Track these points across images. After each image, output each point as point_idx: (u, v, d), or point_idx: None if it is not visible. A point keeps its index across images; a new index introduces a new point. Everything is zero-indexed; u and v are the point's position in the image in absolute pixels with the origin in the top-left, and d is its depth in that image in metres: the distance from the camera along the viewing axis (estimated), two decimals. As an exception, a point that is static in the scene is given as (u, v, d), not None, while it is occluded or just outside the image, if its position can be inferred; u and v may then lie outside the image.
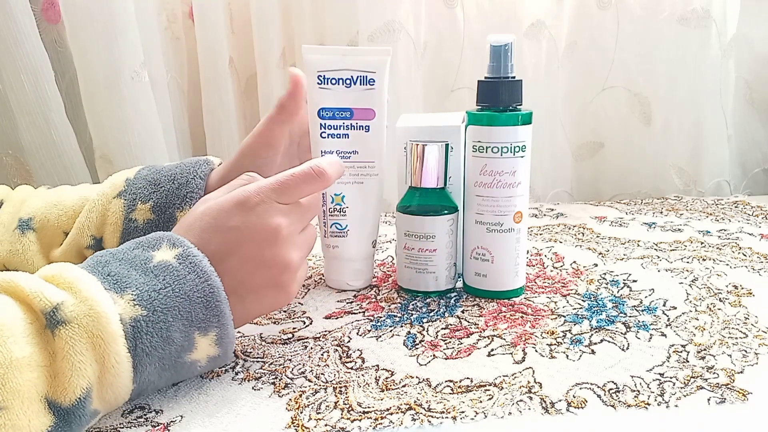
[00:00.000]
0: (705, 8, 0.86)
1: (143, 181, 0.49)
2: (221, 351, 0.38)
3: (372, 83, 0.50)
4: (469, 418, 0.35)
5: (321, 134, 0.50)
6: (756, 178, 1.00)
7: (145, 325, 0.33)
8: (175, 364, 0.35)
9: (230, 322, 0.37)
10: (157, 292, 0.35)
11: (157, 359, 0.34)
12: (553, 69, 0.88)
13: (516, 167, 0.50)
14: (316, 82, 0.49)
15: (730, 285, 0.54)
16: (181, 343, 0.35)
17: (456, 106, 0.87)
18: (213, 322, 0.36)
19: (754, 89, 0.96)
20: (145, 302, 0.34)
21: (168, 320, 0.34)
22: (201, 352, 0.36)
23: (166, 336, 0.34)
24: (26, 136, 0.70)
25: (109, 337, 0.32)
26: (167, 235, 0.38)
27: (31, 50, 0.68)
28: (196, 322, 0.36)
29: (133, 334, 0.33)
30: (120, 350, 0.32)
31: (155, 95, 0.76)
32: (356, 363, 0.42)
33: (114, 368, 0.32)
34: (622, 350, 0.43)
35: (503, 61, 0.49)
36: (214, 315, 0.36)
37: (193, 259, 0.36)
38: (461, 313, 0.50)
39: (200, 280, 0.36)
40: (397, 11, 0.80)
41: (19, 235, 0.48)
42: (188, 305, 0.35)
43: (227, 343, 0.37)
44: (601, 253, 0.64)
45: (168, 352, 0.35)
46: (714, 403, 0.36)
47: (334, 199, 0.51)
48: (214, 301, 0.36)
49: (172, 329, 0.34)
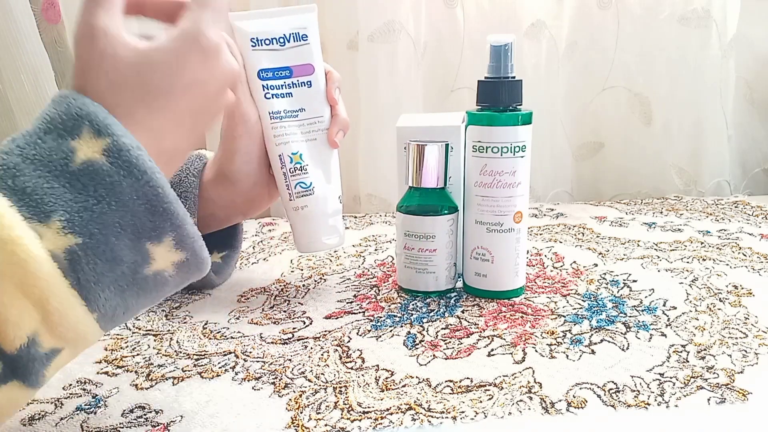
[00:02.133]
0: (705, 8, 0.87)
1: None
2: (186, 253, 0.32)
3: (305, 38, 0.49)
4: (469, 418, 0.35)
5: (265, 95, 0.49)
6: (756, 178, 1.00)
7: (82, 253, 0.28)
8: (135, 280, 0.30)
9: (187, 220, 0.31)
10: (90, 210, 0.29)
11: (109, 282, 0.29)
12: (553, 69, 0.88)
13: (516, 167, 0.50)
14: (250, 45, 0.48)
15: (730, 285, 0.54)
16: (133, 258, 0.30)
17: (456, 106, 0.87)
18: (164, 227, 0.31)
19: (754, 89, 0.96)
20: (78, 227, 0.28)
21: (110, 241, 0.29)
22: (161, 261, 0.31)
23: (111, 257, 0.29)
24: (26, 136, 0.70)
25: (41, 282, 0.27)
26: (85, 108, 0.30)
27: (31, 50, 0.68)
28: (144, 233, 0.30)
29: (71, 267, 0.28)
30: (59, 291, 0.28)
31: (155, 95, 0.76)
32: (356, 363, 0.42)
33: (58, 310, 0.28)
34: (622, 350, 0.43)
35: (503, 61, 0.49)
36: (164, 219, 0.30)
37: (126, 154, 0.29)
38: (461, 313, 0.50)
39: (139, 184, 0.30)
40: (397, 11, 0.81)
41: None
42: (130, 217, 0.30)
43: (190, 243, 0.32)
44: (601, 253, 0.64)
45: (120, 272, 0.30)
46: (714, 403, 0.36)
47: (292, 159, 0.50)
48: (161, 205, 0.30)
49: (117, 248, 0.29)
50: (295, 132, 0.50)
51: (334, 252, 0.67)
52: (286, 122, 0.49)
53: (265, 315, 0.51)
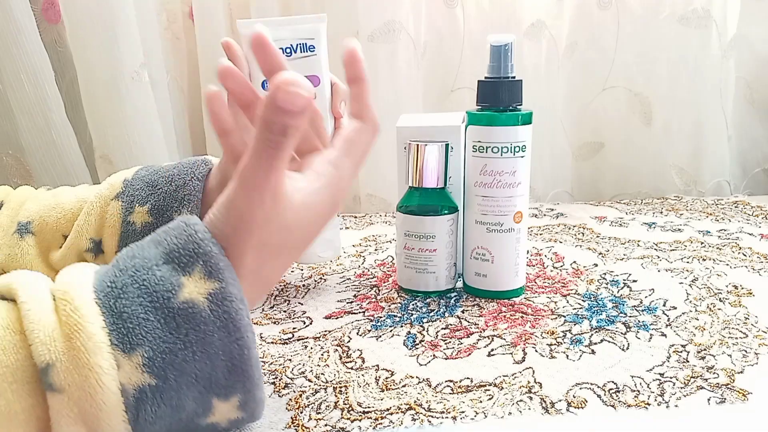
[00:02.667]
0: (705, 8, 0.86)
1: (141, 182, 0.48)
2: (245, 415, 0.32)
3: (312, 50, 0.49)
4: (469, 418, 0.35)
5: None
6: (756, 178, 1.00)
7: (151, 395, 0.28)
8: (188, 428, 0.31)
9: (259, 385, 0.31)
10: (174, 354, 0.29)
11: (164, 427, 0.29)
12: (553, 69, 0.88)
13: (516, 167, 0.50)
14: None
15: (730, 285, 0.54)
16: (195, 409, 0.30)
17: (456, 106, 0.87)
18: (236, 388, 0.30)
19: (754, 89, 0.96)
20: (157, 368, 0.28)
21: (181, 389, 0.29)
22: (220, 416, 0.31)
23: (176, 405, 0.29)
24: (26, 136, 0.70)
25: (102, 414, 0.27)
26: (204, 251, 0.30)
27: (31, 50, 0.68)
28: (215, 389, 0.30)
29: (136, 405, 0.28)
30: (116, 425, 0.28)
31: (155, 95, 0.76)
32: (356, 363, 0.42)
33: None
34: (622, 350, 0.43)
35: (503, 61, 0.49)
36: (239, 381, 0.30)
37: (228, 305, 0.29)
38: (461, 313, 0.50)
39: (230, 339, 0.29)
40: (397, 11, 0.81)
41: (17, 239, 0.48)
42: (209, 370, 0.29)
43: (253, 407, 0.32)
44: (601, 253, 0.64)
45: (177, 419, 0.30)
46: (714, 403, 0.36)
47: None
48: (242, 365, 0.30)
49: (185, 398, 0.29)
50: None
51: (334, 252, 0.67)
52: None
53: (265, 315, 0.51)
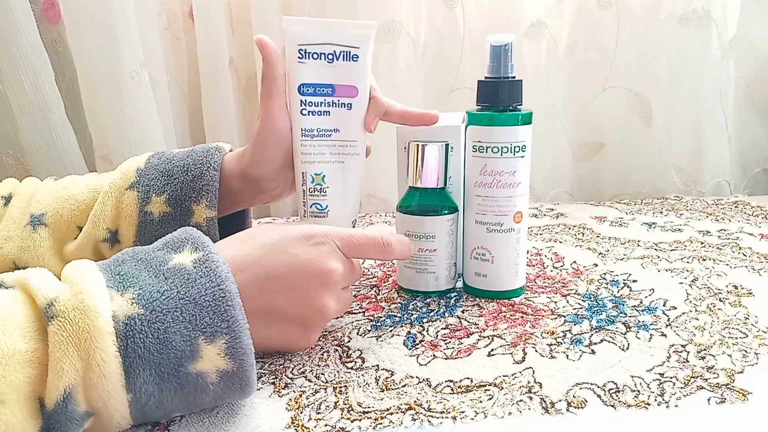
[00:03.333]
0: (705, 8, 0.86)
1: (155, 171, 0.49)
2: (234, 365, 0.33)
3: (356, 59, 0.47)
4: (469, 418, 0.35)
5: (301, 111, 0.48)
6: (756, 178, 1.00)
7: (140, 323, 0.31)
8: (177, 373, 0.32)
9: (245, 332, 0.33)
10: (160, 293, 0.33)
11: (153, 364, 0.31)
12: (553, 69, 0.88)
13: (516, 167, 0.50)
14: (297, 56, 0.46)
15: (730, 285, 0.54)
16: (182, 348, 0.32)
17: (456, 106, 0.87)
18: (221, 328, 0.33)
19: (754, 89, 0.96)
20: (145, 301, 0.32)
21: (167, 321, 0.32)
22: (207, 362, 0.32)
23: (163, 338, 0.31)
24: (26, 136, 0.70)
25: (95, 332, 0.30)
26: (195, 237, 0.37)
27: (31, 50, 0.68)
28: (200, 327, 0.32)
29: (125, 332, 0.31)
30: (107, 347, 0.30)
31: (155, 95, 0.76)
32: (356, 363, 0.42)
33: (99, 367, 0.30)
34: (622, 350, 0.43)
35: (503, 61, 0.49)
36: (223, 320, 0.33)
37: (210, 264, 0.34)
38: (461, 313, 0.50)
39: (212, 285, 0.33)
40: (397, 11, 0.81)
41: (30, 231, 0.48)
42: (193, 308, 0.33)
43: (241, 354, 0.33)
44: (601, 253, 0.64)
45: (166, 357, 0.31)
46: (714, 403, 0.36)
47: (314, 179, 0.49)
48: (224, 305, 0.33)
49: (171, 331, 0.32)
50: (323, 152, 0.48)
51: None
52: (316, 140, 0.48)
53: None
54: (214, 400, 0.34)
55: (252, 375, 0.34)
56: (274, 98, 0.48)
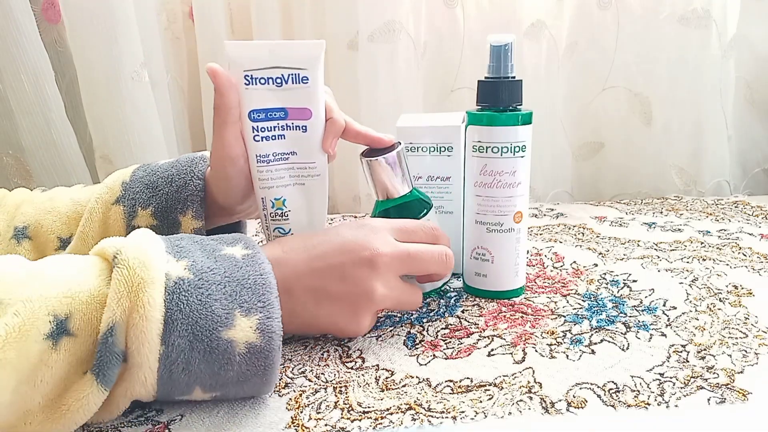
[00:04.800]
0: (705, 8, 0.86)
1: (140, 184, 0.48)
2: (263, 341, 0.35)
3: (306, 81, 0.44)
4: (469, 418, 0.35)
5: (254, 137, 0.45)
6: (756, 178, 1.00)
7: (187, 285, 0.35)
8: (210, 336, 0.34)
9: (277, 314, 0.36)
10: (210, 269, 0.36)
11: (190, 323, 0.34)
12: (553, 69, 0.88)
13: (516, 167, 0.50)
14: (243, 82, 0.44)
15: (730, 285, 0.54)
16: (220, 314, 0.35)
17: (456, 106, 0.87)
18: (257, 306, 0.36)
19: (754, 89, 0.96)
20: (196, 270, 0.36)
21: (212, 289, 0.35)
22: (239, 332, 0.35)
23: (205, 302, 0.35)
24: (26, 137, 0.70)
25: (148, 279, 0.33)
26: (247, 239, 0.41)
27: (31, 50, 0.68)
28: (239, 301, 0.36)
29: (173, 289, 0.34)
30: (155, 294, 0.33)
31: (155, 95, 0.76)
32: (356, 363, 0.42)
33: (144, 308, 0.33)
34: (622, 350, 0.43)
35: (503, 61, 0.49)
36: (260, 300, 0.36)
37: (256, 259, 0.38)
38: (461, 313, 0.50)
39: (254, 273, 0.37)
40: (397, 11, 0.81)
41: (15, 245, 0.47)
42: (235, 286, 0.36)
43: (270, 332, 0.36)
44: (601, 253, 0.64)
45: (204, 320, 0.34)
46: (714, 403, 0.36)
47: (274, 204, 0.47)
48: (263, 289, 0.37)
49: (213, 298, 0.35)
50: (282, 176, 0.46)
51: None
52: (273, 165, 0.46)
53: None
54: (237, 378, 0.36)
55: (276, 358, 0.36)
56: (228, 128, 0.45)
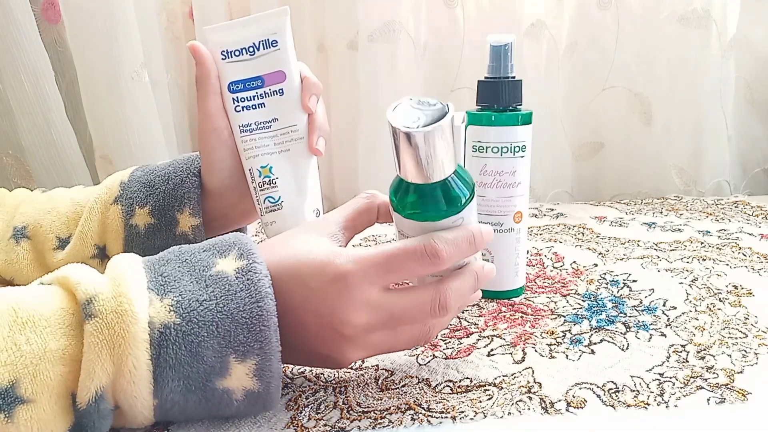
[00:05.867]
0: (705, 8, 0.86)
1: (137, 184, 0.48)
2: (261, 386, 0.33)
3: (275, 44, 0.46)
4: (468, 418, 0.35)
5: (236, 108, 0.47)
6: (756, 178, 1.00)
7: (174, 333, 0.31)
8: (204, 388, 0.32)
9: (275, 354, 0.32)
10: (199, 302, 0.32)
11: (182, 376, 0.31)
12: (553, 69, 0.88)
13: (516, 167, 0.50)
14: (221, 58, 0.46)
15: (730, 285, 0.54)
16: (213, 363, 0.31)
17: (456, 106, 0.86)
18: (253, 348, 0.32)
19: (754, 89, 0.96)
20: (183, 311, 0.31)
21: (201, 335, 0.31)
22: (235, 380, 0.32)
23: (195, 351, 0.31)
24: (26, 136, 0.70)
25: (130, 338, 0.30)
26: (242, 242, 0.35)
27: (31, 50, 0.68)
28: (233, 344, 0.32)
29: (159, 341, 0.30)
30: (140, 355, 0.30)
31: (155, 95, 0.76)
32: (356, 363, 0.42)
33: (130, 374, 0.30)
34: (622, 350, 0.43)
35: (503, 61, 0.49)
36: (257, 341, 0.32)
37: (252, 276, 0.33)
38: (461, 313, 0.50)
39: (251, 300, 0.32)
40: (397, 11, 0.81)
41: (13, 245, 0.47)
42: (229, 323, 0.32)
43: (269, 377, 0.33)
44: (601, 253, 0.64)
45: (196, 371, 0.31)
46: (714, 403, 0.36)
47: (261, 172, 0.47)
48: (260, 325, 0.32)
49: (204, 346, 0.31)
50: (267, 144, 0.47)
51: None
52: (257, 134, 0.47)
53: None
54: (236, 414, 0.34)
55: (276, 396, 0.34)
56: (210, 99, 0.46)
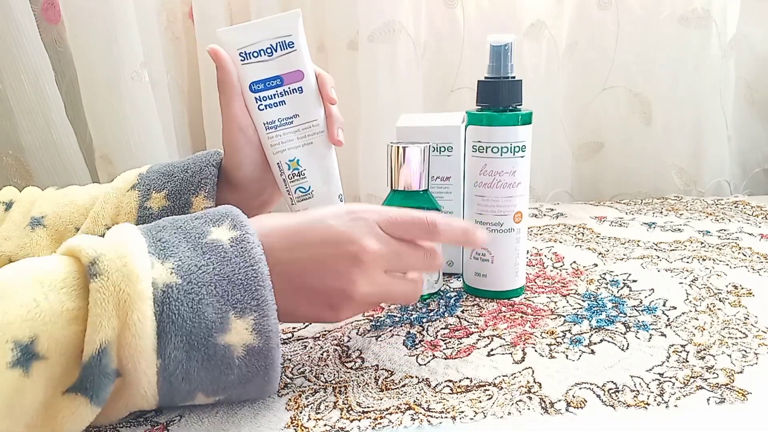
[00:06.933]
0: (705, 8, 0.86)
1: (156, 173, 0.51)
2: (260, 341, 0.34)
3: (292, 45, 0.50)
4: (468, 418, 0.35)
5: (258, 107, 0.50)
6: (756, 178, 1.00)
7: (176, 292, 0.33)
8: (206, 343, 0.33)
9: (272, 311, 0.35)
10: (198, 267, 0.34)
11: (184, 332, 0.32)
12: (553, 69, 0.88)
13: (516, 167, 0.50)
14: (239, 60, 0.49)
15: (729, 285, 0.54)
16: (213, 319, 0.33)
17: (456, 106, 0.87)
18: (251, 305, 0.34)
19: (754, 89, 0.96)
20: (183, 272, 0.33)
21: (202, 293, 0.33)
22: (236, 335, 0.34)
23: (197, 309, 0.33)
24: (26, 136, 0.70)
25: (135, 295, 0.31)
26: (234, 214, 0.37)
27: (31, 50, 0.68)
28: (232, 302, 0.34)
29: (162, 299, 0.32)
30: (145, 310, 0.31)
31: (155, 95, 0.76)
32: (356, 363, 0.42)
33: (135, 326, 0.31)
34: (622, 350, 0.43)
35: (503, 61, 0.49)
36: (253, 298, 0.34)
37: (246, 245, 0.35)
38: (461, 313, 0.50)
39: (245, 265, 0.35)
40: (397, 11, 0.80)
41: (29, 231, 0.49)
42: (226, 284, 0.34)
43: (267, 331, 0.34)
44: (601, 253, 0.64)
45: (198, 327, 0.33)
46: (713, 403, 0.36)
47: (290, 166, 0.51)
48: (256, 284, 0.34)
49: (205, 303, 0.33)
50: (291, 139, 0.50)
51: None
52: (281, 130, 0.50)
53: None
54: (239, 381, 0.35)
55: (276, 356, 0.35)
56: (235, 100, 0.49)
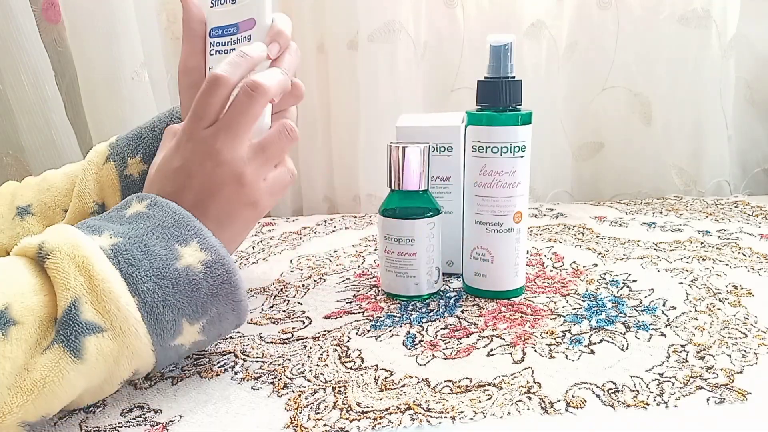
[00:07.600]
0: (705, 8, 0.86)
1: (125, 140, 0.51)
2: (211, 254, 0.38)
3: None
4: (468, 418, 0.35)
5: (209, 52, 0.50)
6: (756, 178, 1.00)
7: (123, 246, 0.36)
8: (169, 273, 0.36)
9: (209, 234, 0.38)
10: (130, 229, 0.37)
11: (145, 268, 0.35)
12: (553, 69, 0.88)
13: (516, 167, 0.50)
14: (209, 4, 0.50)
15: (729, 285, 0.54)
16: (165, 254, 0.36)
17: (456, 106, 0.87)
18: (189, 234, 0.38)
19: (754, 89, 0.96)
20: (121, 236, 0.37)
21: (145, 240, 0.37)
22: (189, 257, 0.37)
23: (147, 251, 0.36)
24: (26, 136, 0.70)
25: (90, 255, 0.34)
26: (135, 195, 0.41)
27: (31, 50, 0.68)
28: (174, 237, 0.37)
29: (114, 255, 0.35)
30: (103, 264, 0.34)
31: (155, 95, 0.76)
32: (355, 363, 0.42)
33: (101, 277, 0.33)
34: (622, 350, 0.43)
35: (503, 61, 0.49)
36: (189, 230, 0.38)
37: (160, 202, 0.39)
38: (461, 313, 0.50)
39: (168, 213, 0.39)
40: (397, 11, 0.81)
41: (19, 221, 0.50)
42: (161, 230, 0.38)
43: (213, 246, 0.38)
44: (600, 253, 0.64)
45: (155, 262, 0.36)
46: (713, 403, 0.36)
47: None
48: (185, 222, 0.38)
49: (151, 245, 0.36)
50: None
51: (333, 252, 0.67)
52: None
53: (265, 315, 0.51)
54: (210, 293, 0.37)
55: (230, 265, 0.38)
56: (186, 43, 0.49)
